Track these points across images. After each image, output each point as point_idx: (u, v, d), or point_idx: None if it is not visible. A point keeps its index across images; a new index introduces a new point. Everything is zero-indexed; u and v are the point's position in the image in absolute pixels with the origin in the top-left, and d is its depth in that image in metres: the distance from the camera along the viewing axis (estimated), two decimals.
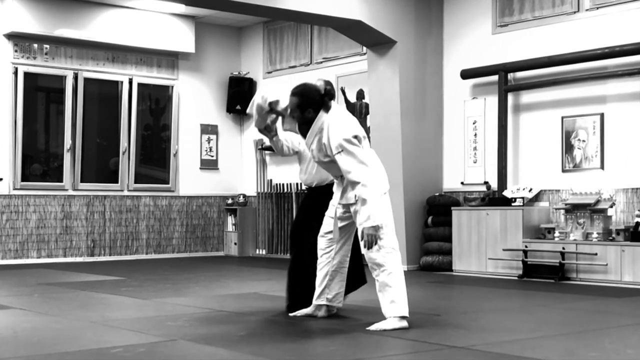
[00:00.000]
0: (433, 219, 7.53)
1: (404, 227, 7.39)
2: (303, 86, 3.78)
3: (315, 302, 4.16)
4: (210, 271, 7.38)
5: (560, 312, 4.62)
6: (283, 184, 9.38)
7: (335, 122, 3.66)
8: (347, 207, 3.87)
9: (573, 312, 4.64)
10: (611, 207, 6.43)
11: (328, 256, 4.04)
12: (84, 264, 8.28)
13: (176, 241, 9.51)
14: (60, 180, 8.77)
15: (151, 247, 9.35)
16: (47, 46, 8.67)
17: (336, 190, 3.93)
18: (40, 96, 8.96)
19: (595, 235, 6.39)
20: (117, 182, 9.13)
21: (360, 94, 8.61)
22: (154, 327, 3.88)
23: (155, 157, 9.55)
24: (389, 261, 3.77)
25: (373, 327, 3.77)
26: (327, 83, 3.94)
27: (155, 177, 9.50)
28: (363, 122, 8.29)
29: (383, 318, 3.85)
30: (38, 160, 8.82)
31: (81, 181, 8.85)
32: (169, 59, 9.52)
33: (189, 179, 9.65)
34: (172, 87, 9.55)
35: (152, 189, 9.38)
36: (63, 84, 8.77)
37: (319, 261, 4.08)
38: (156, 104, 9.59)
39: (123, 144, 9.13)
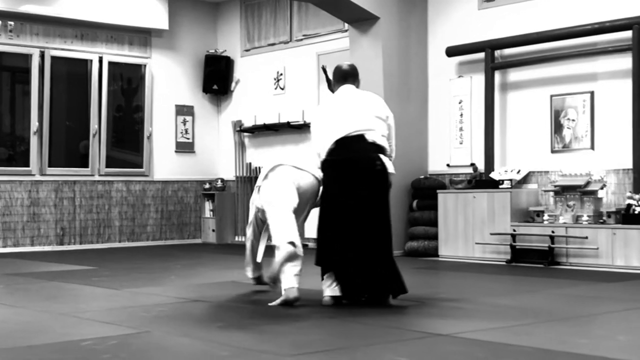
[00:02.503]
0: (418, 203, 7.40)
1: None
2: None
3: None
4: (186, 259, 7.30)
5: (550, 298, 4.54)
6: (262, 167, 9.13)
7: None
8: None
9: (563, 298, 4.56)
10: (602, 188, 6.34)
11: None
12: (53, 253, 8.08)
13: (151, 228, 9.28)
14: (27, 165, 8.47)
15: (124, 234, 9.10)
16: (12, 23, 8.34)
17: None
18: (5, 76, 8.70)
19: (585, 218, 6.29)
20: (87, 166, 8.86)
21: None
22: (126, 319, 3.77)
23: (128, 140, 9.31)
24: (270, 222, 4.24)
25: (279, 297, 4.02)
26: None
27: (128, 161, 9.26)
28: None
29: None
30: (3, 144, 8.56)
31: (49, 166, 8.57)
32: (142, 36, 9.22)
33: (164, 163, 9.41)
34: (145, 66, 9.27)
35: (125, 174, 9.13)
36: (29, 63, 8.48)
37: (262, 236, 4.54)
38: (128, 84, 9.35)
39: (93, 126, 8.84)
